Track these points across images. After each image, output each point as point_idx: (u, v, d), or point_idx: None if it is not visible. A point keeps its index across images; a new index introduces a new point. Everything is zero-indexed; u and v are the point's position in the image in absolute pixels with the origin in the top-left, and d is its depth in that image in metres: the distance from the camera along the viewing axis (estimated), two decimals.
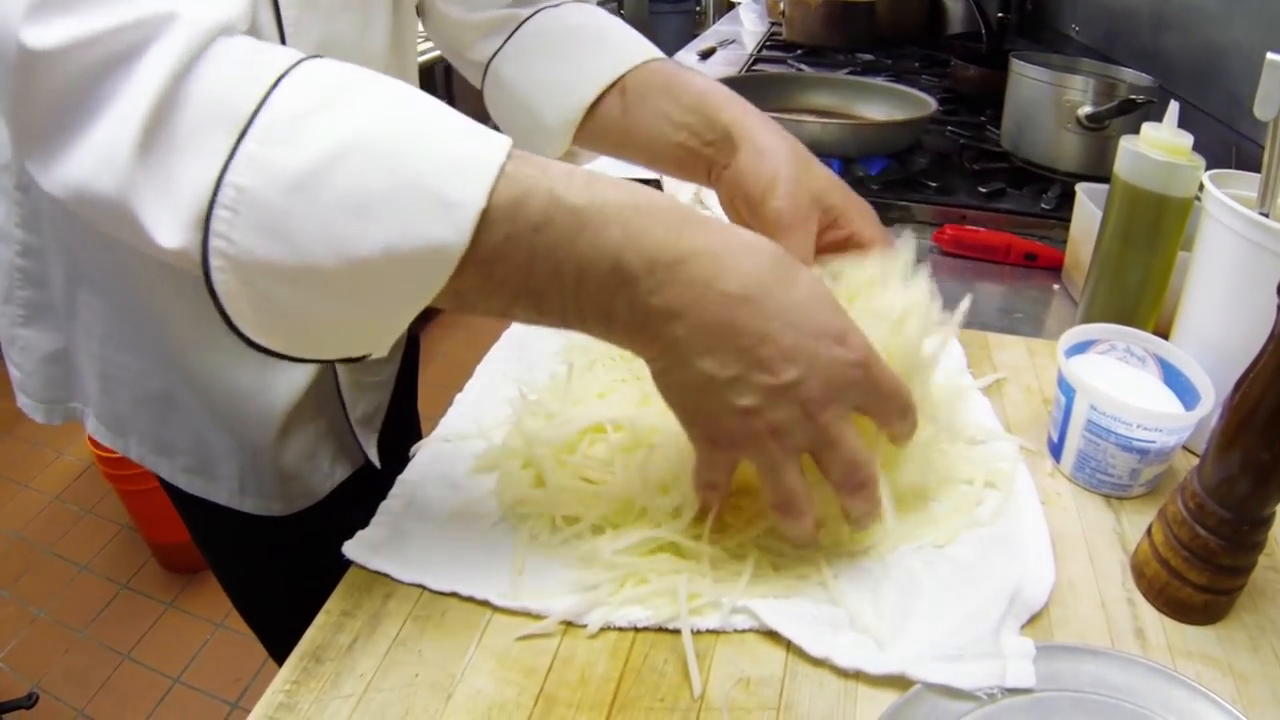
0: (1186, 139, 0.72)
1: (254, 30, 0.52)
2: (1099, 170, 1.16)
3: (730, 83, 1.34)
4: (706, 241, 0.47)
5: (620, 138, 0.77)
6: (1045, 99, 1.17)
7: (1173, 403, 0.68)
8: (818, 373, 0.48)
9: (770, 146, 0.67)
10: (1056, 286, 1.00)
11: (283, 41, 0.59)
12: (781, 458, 0.50)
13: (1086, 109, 1.12)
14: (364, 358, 0.49)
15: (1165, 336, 0.75)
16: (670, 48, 0.62)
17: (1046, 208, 1.12)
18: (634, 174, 0.75)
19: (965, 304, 0.65)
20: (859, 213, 0.67)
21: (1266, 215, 0.64)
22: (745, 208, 0.68)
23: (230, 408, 0.74)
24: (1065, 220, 1.05)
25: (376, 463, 0.88)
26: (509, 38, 0.81)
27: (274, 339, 0.47)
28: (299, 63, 0.44)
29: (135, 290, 0.70)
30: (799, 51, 2.14)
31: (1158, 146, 0.72)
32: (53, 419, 0.83)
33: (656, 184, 0.98)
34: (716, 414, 0.49)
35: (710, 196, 0.78)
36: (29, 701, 1.73)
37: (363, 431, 0.86)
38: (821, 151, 1.15)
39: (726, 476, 0.53)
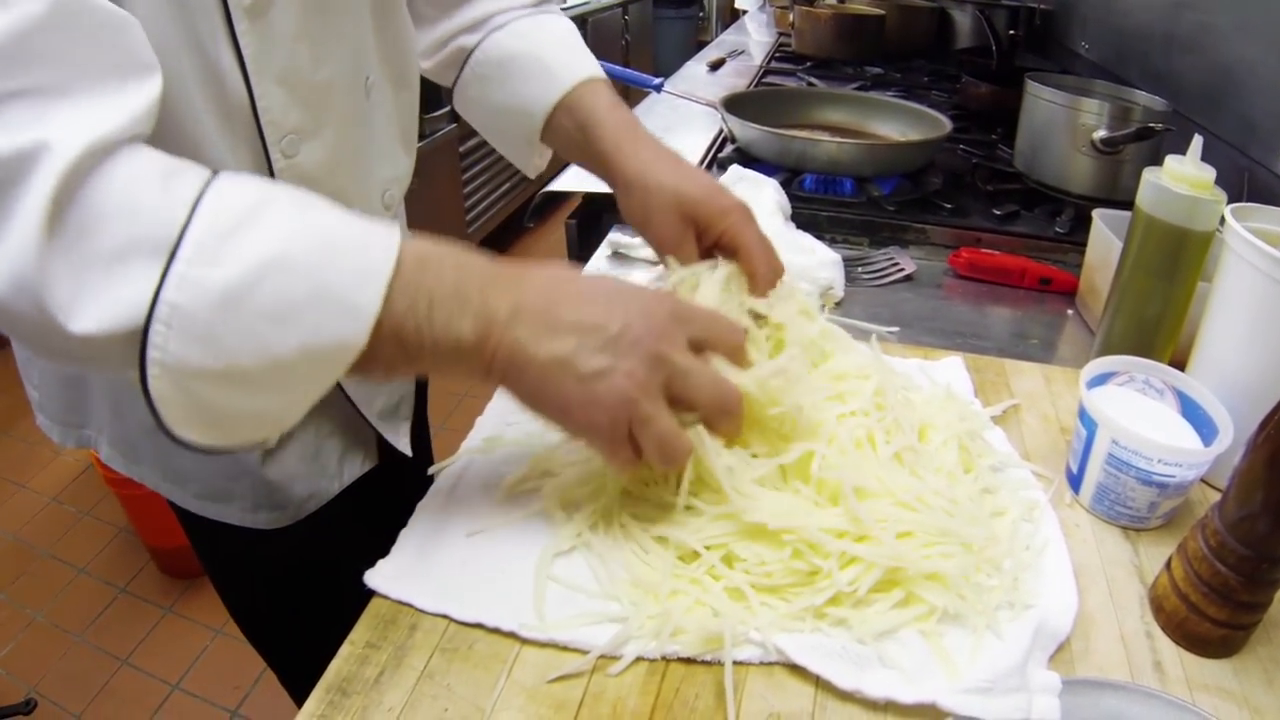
0: (1209, 173, 0.72)
1: (214, 67, 0.59)
2: (1112, 194, 1.17)
3: (743, 98, 1.35)
4: (523, 280, 0.56)
5: (555, 146, 0.86)
6: (1060, 121, 1.17)
7: (1191, 436, 0.68)
8: (638, 316, 0.55)
9: (637, 179, 0.74)
10: (1070, 312, 1.00)
11: (245, 78, 0.62)
12: (651, 406, 0.54)
13: (1101, 133, 1.13)
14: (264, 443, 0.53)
15: (1182, 366, 0.75)
16: (674, 53, 0.67)
17: (1061, 231, 1.13)
18: None
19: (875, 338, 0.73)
20: (726, 214, 0.71)
21: None
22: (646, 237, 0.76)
23: None
24: (1079, 244, 1.05)
25: (408, 452, 0.90)
26: (461, 69, 0.87)
27: (194, 431, 0.51)
28: (211, 182, 0.49)
29: None
30: (808, 64, 2.14)
31: (1181, 180, 0.72)
32: (67, 442, 0.85)
33: None
34: (581, 393, 0.54)
35: None
36: (27, 707, 1.73)
37: (388, 424, 0.87)
38: (837, 170, 1.16)
39: (628, 448, 0.56)
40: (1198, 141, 0.73)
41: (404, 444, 0.89)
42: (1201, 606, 0.57)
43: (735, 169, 1.08)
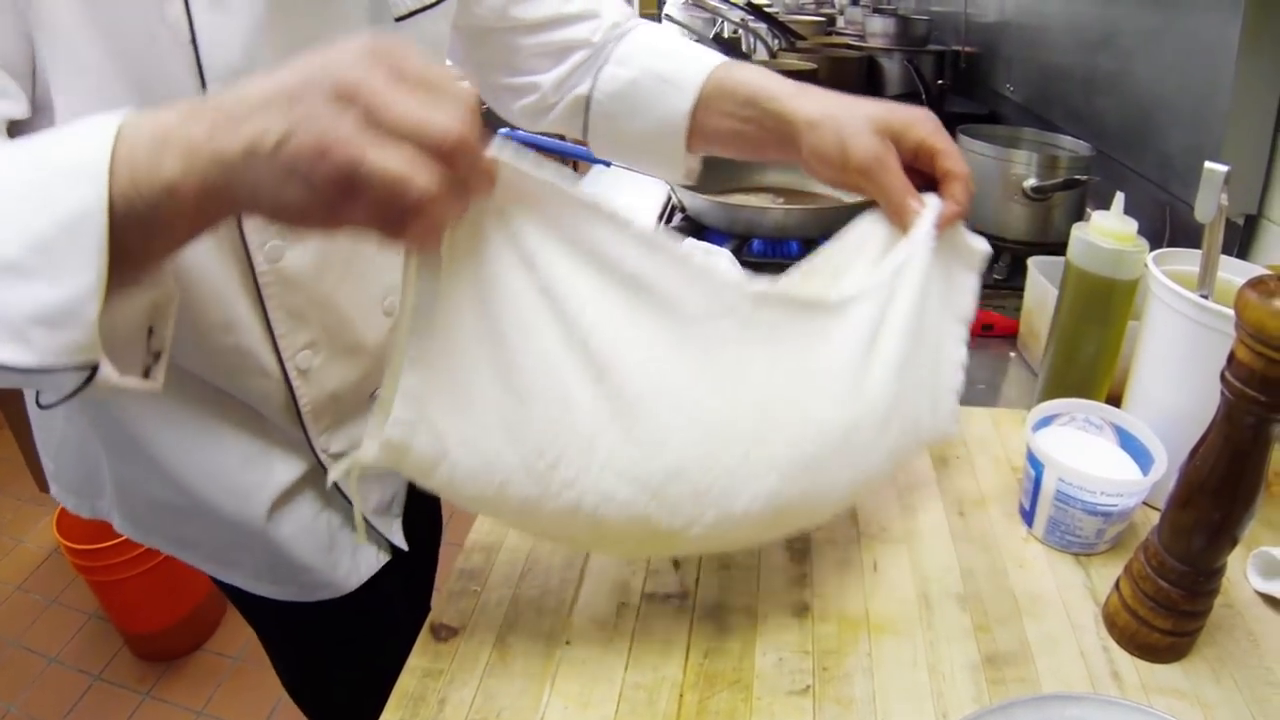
0: (1131, 225, 0.79)
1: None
2: (1045, 236, 1.25)
3: (705, 161, 1.40)
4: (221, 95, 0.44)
5: (708, 142, 0.86)
6: (992, 172, 1.25)
7: (1130, 466, 0.75)
8: (321, 64, 0.42)
9: (823, 113, 0.74)
10: (1013, 354, 1.07)
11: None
12: (356, 146, 0.41)
13: (1032, 181, 1.21)
14: (93, 374, 0.46)
15: (1119, 399, 0.82)
16: None
17: (999, 278, 1.21)
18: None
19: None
20: (917, 122, 0.71)
21: (1207, 297, 0.71)
22: (837, 177, 0.75)
23: (221, 509, 0.79)
24: (1017, 289, 1.13)
25: (403, 546, 0.92)
26: (586, 116, 0.91)
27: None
28: None
29: (117, 411, 0.75)
30: None
31: (1106, 234, 0.79)
32: (82, 511, 0.87)
33: None
34: (275, 176, 0.42)
35: None
36: None
37: (381, 520, 0.90)
38: (785, 235, 1.23)
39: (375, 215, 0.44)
40: (1119, 198, 0.80)
41: (398, 538, 0.92)
42: (1149, 619, 0.63)
43: (690, 242, 1.13)
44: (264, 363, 0.74)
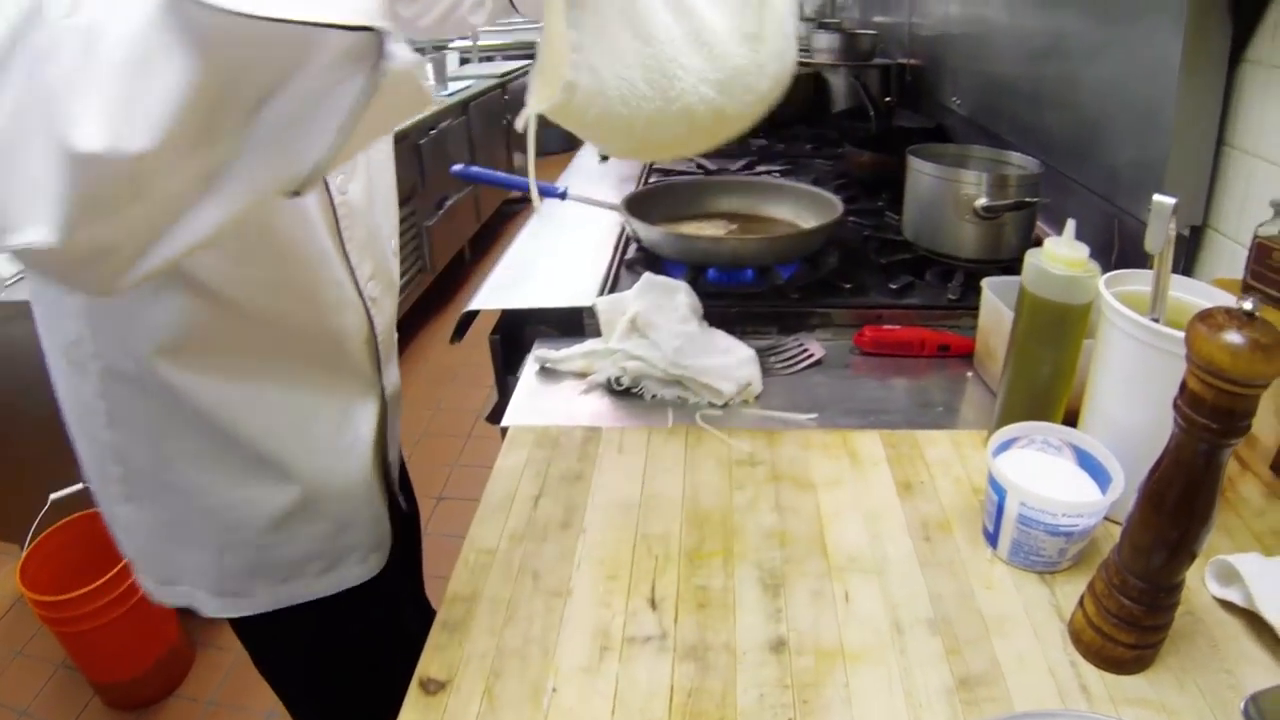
0: (1083, 251, 0.81)
1: None
2: (997, 254, 1.27)
3: (642, 197, 1.43)
4: None
5: None
6: (943, 193, 1.27)
7: (1089, 485, 0.78)
8: None
9: None
10: (970, 374, 1.10)
11: None
12: None
13: (983, 201, 1.23)
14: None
15: (1075, 415, 0.85)
16: (557, 131, 0.73)
17: (953, 298, 1.22)
18: None
19: None
20: None
21: (1158, 320, 0.74)
22: None
23: (328, 484, 0.92)
24: (971, 309, 1.15)
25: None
26: None
27: None
28: None
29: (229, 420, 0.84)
30: None
31: (1058, 261, 0.81)
32: (165, 600, 0.91)
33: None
34: None
35: None
36: None
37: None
38: (740, 264, 1.25)
39: None
40: (1071, 225, 0.82)
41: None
42: (1114, 634, 0.66)
43: (648, 277, 1.15)
44: (349, 294, 0.89)
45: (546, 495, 0.87)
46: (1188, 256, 1.16)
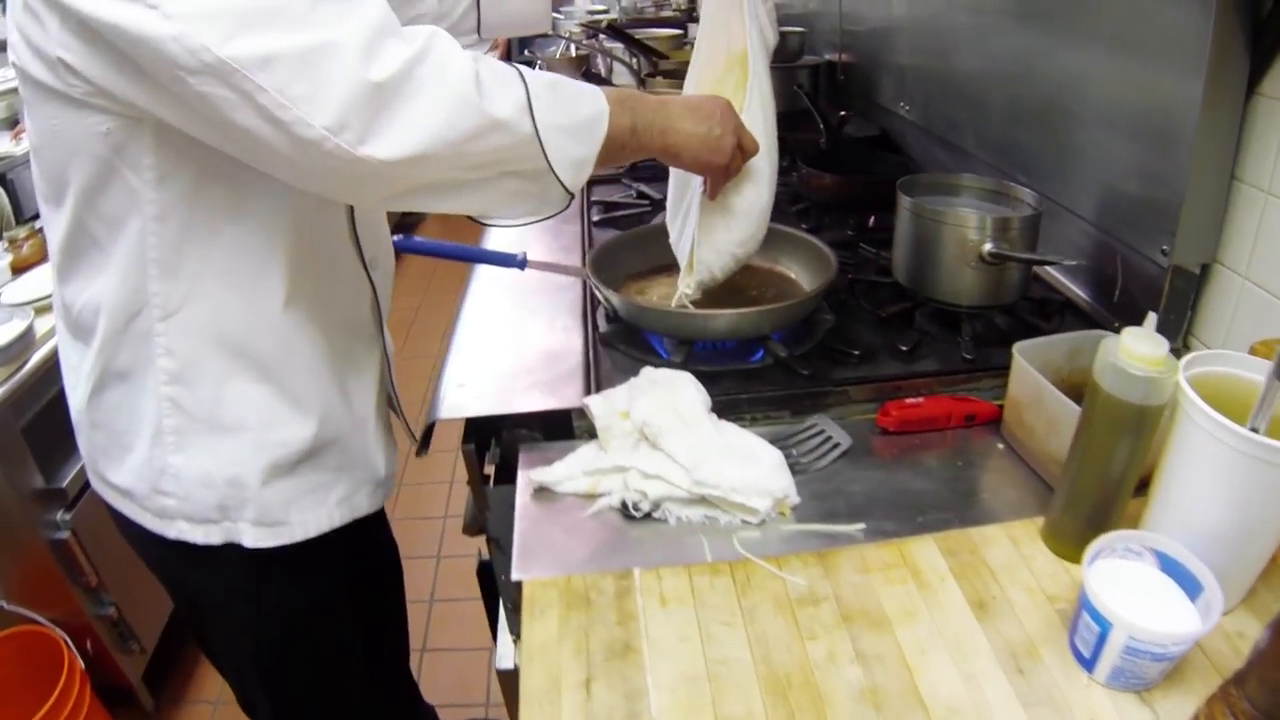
0: (1163, 347, 0.75)
1: None
2: (998, 299, 1.21)
3: (608, 253, 1.34)
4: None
5: None
6: (943, 237, 1.19)
7: (1177, 595, 0.74)
8: (720, 116, 1.05)
9: None
10: (1001, 446, 1.03)
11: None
12: (729, 155, 1.06)
13: (989, 246, 1.15)
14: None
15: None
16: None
17: (968, 358, 1.15)
18: None
19: None
20: None
21: (1257, 431, 0.68)
22: None
23: (345, 417, 1.11)
24: (989, 369, 1.11)
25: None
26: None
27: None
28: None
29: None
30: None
31: (1139, 361, 0.74)
32: (211, 538, 1.03)
33: None
34: (707, 146, 1.03)
35: None
36: None
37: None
38: (737, 336, 1.17)
39: (730, 158, 1.07)
40: (1151, 318, 0.75)
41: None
42: None
43: (648, 371, 1.06)
44: (358, 270, 1.11)
45: (597, 679, 0.76)
46: (1196, 293, 1.13)
